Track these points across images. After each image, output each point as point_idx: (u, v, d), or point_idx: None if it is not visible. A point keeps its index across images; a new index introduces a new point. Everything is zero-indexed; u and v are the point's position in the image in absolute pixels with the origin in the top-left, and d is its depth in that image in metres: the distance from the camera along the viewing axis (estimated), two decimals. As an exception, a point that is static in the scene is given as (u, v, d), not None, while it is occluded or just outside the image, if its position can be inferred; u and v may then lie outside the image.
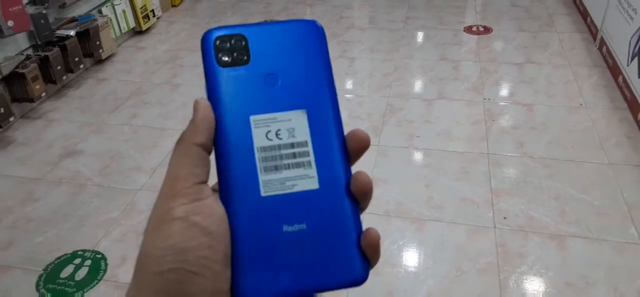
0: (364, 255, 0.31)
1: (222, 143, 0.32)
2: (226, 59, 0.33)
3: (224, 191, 0.31)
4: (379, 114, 2.32)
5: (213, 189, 0.33)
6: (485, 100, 2.39)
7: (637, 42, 2.21)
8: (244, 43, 0.33)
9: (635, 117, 2.15)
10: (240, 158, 0.31)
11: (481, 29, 3.14)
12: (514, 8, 3.41)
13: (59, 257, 1.64)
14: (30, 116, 2.43)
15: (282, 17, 3.43)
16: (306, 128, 0.32)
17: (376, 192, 0.34)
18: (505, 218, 1.71)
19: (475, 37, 3.05)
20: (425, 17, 3.36)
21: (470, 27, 3.17)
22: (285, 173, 0.31)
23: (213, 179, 0.36)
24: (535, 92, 2.43)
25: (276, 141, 0.32)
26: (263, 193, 0.31)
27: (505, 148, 2.06)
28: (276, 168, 0.31)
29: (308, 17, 3.45)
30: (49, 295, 1.51)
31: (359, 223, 0.32)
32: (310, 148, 0.32)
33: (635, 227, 1.65)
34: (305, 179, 0.31)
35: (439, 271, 1.55)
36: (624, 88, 2.30)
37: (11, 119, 2.23)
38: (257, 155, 0.31)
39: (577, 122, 2.19)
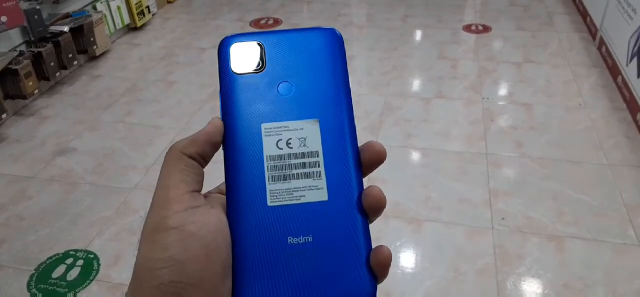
0: (371, 272, 0.30)
1: (231, 149, 0.31)
2: (241, 65, 0.33)
3: (229, 198, 0.30)
4: (376, 113, 2.30)
5: (219, 191, 0.32)
6: (483, 100, 2.37)
7: (636, 42, 2.19)
8: (260, 51, 0.33)
9: (634, 118, 2.13)
10: (248, 165, 0.31)
11: (480, 27, 3.12)
12: (513, 7, 3.39)
13: (50, 257, 1.61)
14: (23, 113, 2.40)
15: (279, 14, 3.41)
16: (318, 138, 0.31)
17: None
18: (503, 219, 1.69)
19: (474, 35, 3.03)
20: (423, 15, 3.34)
21: (469, 25, 3.15)
22: (294, 183, 0.31)
23: (213, 185, 0.34)
24: (534, 92, 2.42)
25: (286, 150, 0.31)
26: (270, 202, 0.30)
27: (503, 148, 2.04)
28: (285, 177, 0.31)
29: (304, 15, 3.45)
30: (40, 295, 1.49)
31: (368, 238, 0.31)
32: (321, 159, 0.31)
33: (633, 228, 1.63)
34: (314, 190, 0.31)
35: (436, 272, 1.53)
36: (623, 88, 2.29)
37: (4, 116, 2.20)
38: (266, 163, 0.31)
39: (576, 123, 2.17)
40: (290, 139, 0.31)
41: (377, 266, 0.30)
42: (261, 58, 0.33)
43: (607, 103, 2.29)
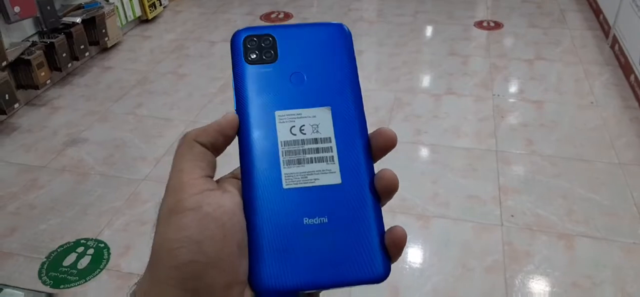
0: (385, 252, 0.31)
1: (246, 135, 0.32)
2: (254, 56, 0.34)
3: (245, 181, 0.31)
4: (386, 109, 2.29)
5: (233, 176, 0.33)
6: (494, 97, 2.35)
7: (650, 40, 2.17)
8: (271, 43, 0.34)
9: (646, 117, 2.11)
10: (263, 150, 0.32)
11: (492, 24, 3.10)
12: (525, 4, 3.36)
13: (61, 246, 1.63)
14: (35, 103, 2.43)
15: (289, 9, 3.41)
16: (330, 125, 0.33)
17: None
18: (512, 216, 1.69)
19: (485, 32, 3.01)
20: (434, 11, 3.32)
21: (481, 22, 3.13)
22: (308, 167, 0.31)
23: (225, 171, 0.35)
24: (545, 90, 2.40)
25: (300, 136, 0.32)
26: (285, 185, 0.31)
27: (513, 145, 2.03)
28: (299, 162, 0.32)
29: (314, 10, 3.45)
30: (51, 283, 1.51)
31: (381, 220, 0.32)
32: (333, 144, 0.32)
33: (645, 228, 1.62)
34: (327, 173, 0.32)
35: (444, 268, 1.53)
36: (635, 87, 2.27)
37: (16, 105, 2.22)
38: (280, 149, 0.32)
39: (588, 121, 2.16)
40: (304, 125, 0.32)
41: (391, 246, 0.30)
42: (273, 50, 0.34)
43: (619, 102, 2.27)
